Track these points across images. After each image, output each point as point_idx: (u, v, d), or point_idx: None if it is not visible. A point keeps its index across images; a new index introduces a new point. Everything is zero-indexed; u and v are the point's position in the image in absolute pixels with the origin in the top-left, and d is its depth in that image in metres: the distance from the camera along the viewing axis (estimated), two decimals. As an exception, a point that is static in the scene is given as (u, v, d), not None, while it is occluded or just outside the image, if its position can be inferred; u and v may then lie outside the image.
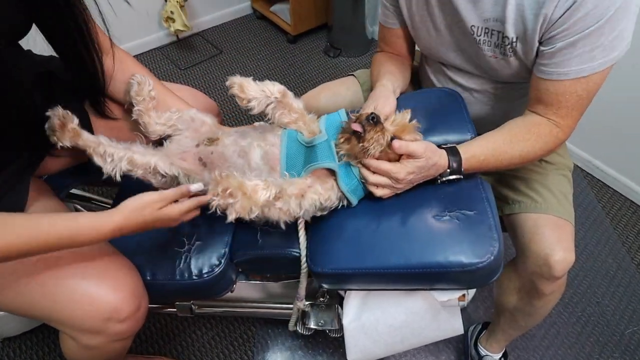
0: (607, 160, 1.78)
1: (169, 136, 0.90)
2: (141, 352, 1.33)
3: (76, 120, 0.81)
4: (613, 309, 1.44)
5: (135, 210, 0.70)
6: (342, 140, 0.78)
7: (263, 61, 2.45)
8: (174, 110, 0.90)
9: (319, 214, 0.81)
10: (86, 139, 0.81)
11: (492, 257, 0.72)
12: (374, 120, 0.74)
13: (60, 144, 0.80)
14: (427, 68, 1.09)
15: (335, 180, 0.79)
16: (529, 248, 0.90)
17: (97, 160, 0.81)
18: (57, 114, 0.79)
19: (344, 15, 2.29)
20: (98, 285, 0.78)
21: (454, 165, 0.80)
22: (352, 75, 1.18)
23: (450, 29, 0.91)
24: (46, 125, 0.79)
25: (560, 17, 0.72)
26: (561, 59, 0.76)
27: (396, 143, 0.75)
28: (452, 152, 0.81)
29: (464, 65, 0.96)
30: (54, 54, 0.83)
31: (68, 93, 0.89)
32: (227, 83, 0.80)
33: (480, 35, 0.85)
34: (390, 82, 0.96)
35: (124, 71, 0.91)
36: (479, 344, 1.24)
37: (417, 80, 1.18)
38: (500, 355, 1.22)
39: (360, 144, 0.75)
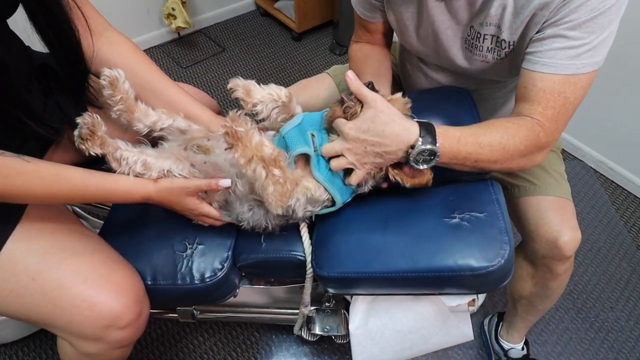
0: (621, 161, 1.76)
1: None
2: (141, 358, 1.32)
3: (104, 127, 0.78)
4: (628, 314, 1.41)
5: (167, 188, 0.77)
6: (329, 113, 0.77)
7: (267, 59, 2.43)
8: (164, 114, 0.84)
9: (309, 208, 0.78)
10: (109, 144, 0.78)
11: (503, 261, 0.71)
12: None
13: (90, 152, 0.77)
14: (406, 63, 1.08)
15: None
16: (536, 233, 0.92)
17: (114, 165, 0.78)
18: (87, 122, 0.75)
19: (351, 11, 2.25)
20: (99, 291, 0.77)
21: (426, 134, 0.70)
22: (327, 73, 1.16)
23: (438, 30, 0.87)
24: (75, 134, 0.77)
25: (554, 7, 0.71)
26: (549, 47, 0.73)
27: (350, 73, 0.73)
28: (426, 125, 0.72)
29: (447, 65, 0.95)
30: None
31: (64, 87, 0.86)
32: (229, 86, 0.77)
33: (473, 39, 0.83)
34: (382, 84, 0.94)
35: (114, 54, 0.84)
36: (500, 337, 1.26)
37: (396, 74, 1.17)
38: (522, 344, 1.24)
39: (342, 109, 0.75)
